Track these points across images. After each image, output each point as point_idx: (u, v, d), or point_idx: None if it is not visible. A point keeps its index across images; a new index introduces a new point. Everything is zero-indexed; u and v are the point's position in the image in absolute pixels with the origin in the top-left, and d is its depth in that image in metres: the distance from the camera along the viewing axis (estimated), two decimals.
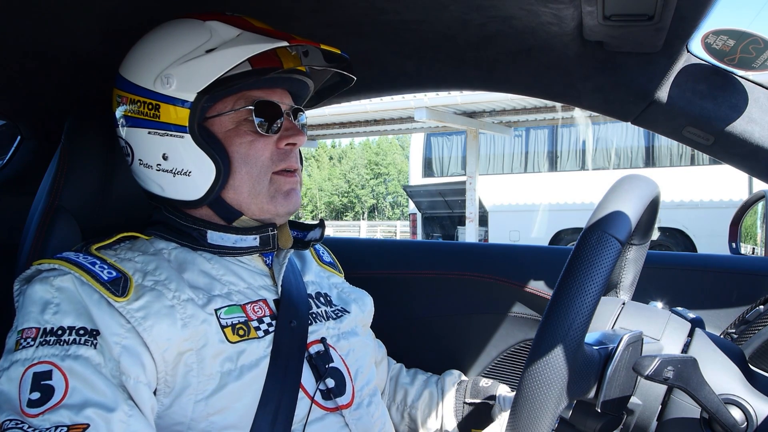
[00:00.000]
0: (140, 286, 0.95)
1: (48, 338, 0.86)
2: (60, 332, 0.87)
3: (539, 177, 10.38)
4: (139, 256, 1.01)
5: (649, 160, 9.59)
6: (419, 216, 11.43)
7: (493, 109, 9.41)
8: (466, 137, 10.22)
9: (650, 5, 0.96)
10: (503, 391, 1.29)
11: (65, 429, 0.79)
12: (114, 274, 0.93)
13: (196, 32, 1.01)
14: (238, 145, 1.03)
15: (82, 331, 0.88)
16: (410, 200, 11.84)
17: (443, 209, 11.14)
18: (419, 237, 11.38)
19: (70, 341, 0.86)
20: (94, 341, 0.87)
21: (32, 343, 0.86)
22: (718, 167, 8.20)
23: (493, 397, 1.28)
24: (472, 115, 9.61)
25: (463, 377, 1.38)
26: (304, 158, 1.20)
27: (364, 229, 23.28)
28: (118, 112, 1.06)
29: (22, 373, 0.83)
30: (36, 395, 0.81)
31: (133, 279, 0.94)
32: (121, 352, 0.88)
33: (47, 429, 0.79)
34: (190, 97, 0.98)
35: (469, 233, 9.61)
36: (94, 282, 0.91)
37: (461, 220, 10.40)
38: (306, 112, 1.17)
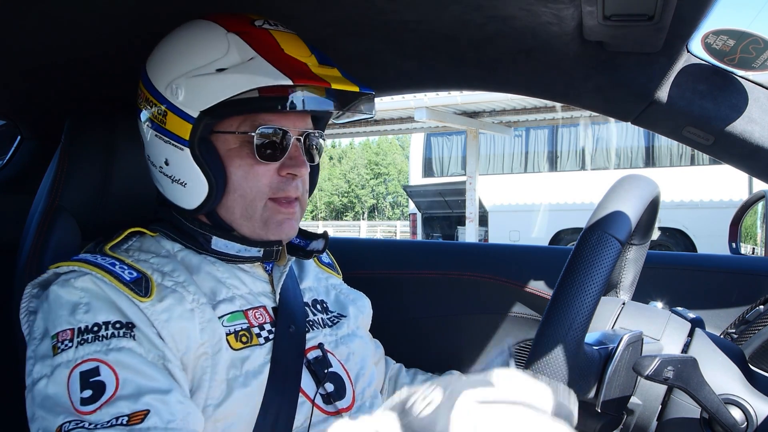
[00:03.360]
0: (161, 287, 0.94)
1: (86, 336, 0.86)
2: (96, 329, 0.87)
3: (539, 177, 10.38)
4: (154, 258, 1.00)
5: (649, 160, 9.59)
6: (419, 216, 11.43)
7: (493, 109, 9.41)
8: (466, 137, 10.23)
9: (650, 5, 0.96)
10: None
11: (126, 419, 0.79)
12: (135, 274, 0.93)
13: (214, 45, 0.98)
14: (237, 167, 1.00)
15: (118, 325, 0.87)
16: (410, 200, 11.84)
17: (443, 209, 11.13)
18: (419, 237, 11.38)
19: (109, 335, 0.86)
20: (132, 333, 0.87)
21: (70, 344, 0.86)
22: (718, 167, 8.19)
23: None
24: (472, 115, 9.61)
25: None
26: None
27: (364, 229, 23.27)
28: (140, 107, 1.06)
29: (68, 375, 0.83)
30: (88, 393, 0.81)
31: (153, 279, 0.94)
32: (162, 343, 0.88)
33: (107, 422, 0.78)
34: (194, 113, 0.96)
35: (469, 233, 9.61)
36: (118, 283, 0.90)
37: (461, 220, 10.40)
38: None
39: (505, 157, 10.91)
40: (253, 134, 0.99)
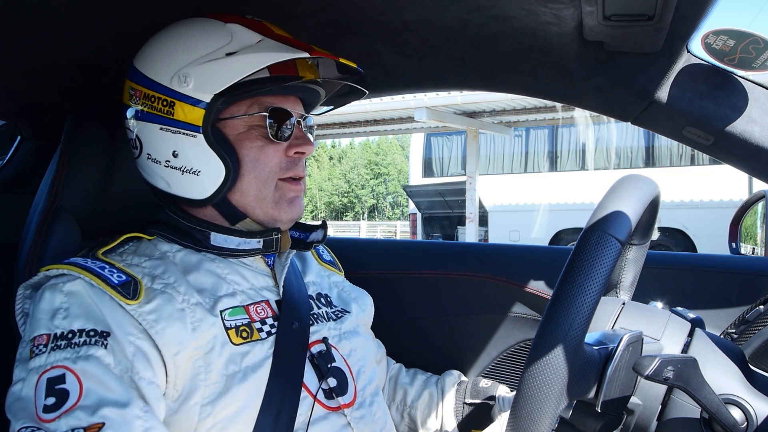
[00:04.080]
0: (150, 290, 0.95)
1: (59, 343, 0.86)
2: (70, 335, 0.87)
3: (539, 177, 10.38)
4: (146, 261, 1.01)
5: (649, 159, 9.59)
6: (419, 216, 11.43)
7: (493, 109, 9.40)
8: (465, 137, 10.23)
9: (650, 5, 0.96)
10: (503, 391, 1.29)
11: (81, 431, 0.79)
12: (124, 277, 0.93)
13: (217, 34, 1.01)
14: (248, 149, 1.03)
15: (92, 333, 0.88)
16: (410, 200, 11.84)
17: (443, 209, 11.14)
18: (419, 237, 11.38)
19: (81, 343, 0.86)
20: (105, 342, 0.87)
21: (44, 349, 0.86)
22: (718, 167, 8.19)
23: (493, 398, 1.28)
24: (472, 115, 9.60)
25: (463, 378, 1.38)
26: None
27: (364, 229, 23.26)
28: (130, 105, 1.06)
29: (36, 381, 0.83)
30: (51, 400, 0.81)
31: (142, 282, 0.95)
32: (135, 352, 0.88)
33: None
34: (207, 98, 0.98)
35: (470, 233, 9.61)
36: (105, 285, 0.91)
37: (461, 220, 10.41)
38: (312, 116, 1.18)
39: (505, 157, 10.91)
40: (265, 114, 1.03)
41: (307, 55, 0.96)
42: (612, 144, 9.93)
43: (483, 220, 10.34)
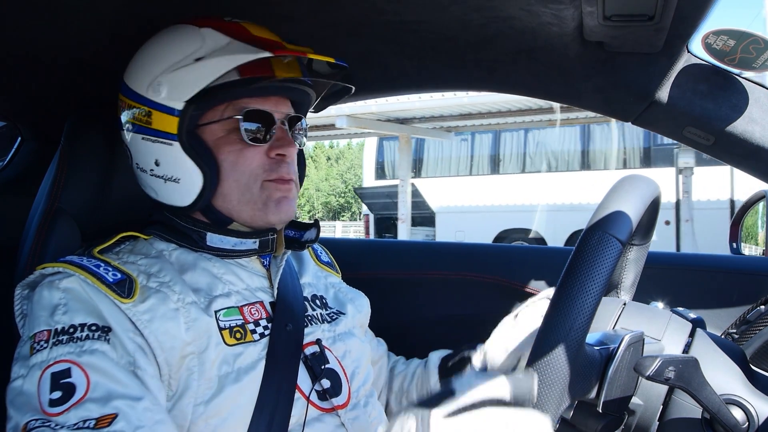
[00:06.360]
0: (145, 288, 0.95)
1: (61, 338, 0.86)
2: (72, 330, 0.87)
3: (484, 179, 10.68)
4: (142, 260, 1.01)
5: (585, 162, 9.86)
6: (371, 217, 11.65)
7: (423, 116, 9.43)
8: (415, 142, 10.49)
9: (650, 5, 0.96)
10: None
11: (93, 422, 0.79)
12: (119, 276, 0.93)
13: (189, 40, 1.00)
14: (227, 153, 1.02)
15: (94, 327, 0.88)
16: (362, 202, 12.03)
17: (394, 210, 11.31)
18: (371, 237, 11.57)
19: (84, 337, 0.86)
20: (107, 337, 0.87)
21: (45, 345, 0.86)
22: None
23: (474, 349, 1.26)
24: (403, 121, 9.66)
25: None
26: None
27: (339, 230, 23.02)
28: (122, 116, 1.07)
29: (40, 376, 0.83)
30: (57, 394, 0.81)
31: (138, 281, 0.95)
32: (135, 348, 0.88)
33: (74, 424, 0.79)
34: (179, 105, 0.98)
35: (401, 234, 9.93)
36: (100, 284, 0.91)
37: (413, 220, 10.66)
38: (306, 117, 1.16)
39: (451, 160, 11.15)
40: (238, 117, 1.01)
41: (269, 54, 0.94)
42: (549, 148, 10.23)
43: (430, 221, 10.66)
